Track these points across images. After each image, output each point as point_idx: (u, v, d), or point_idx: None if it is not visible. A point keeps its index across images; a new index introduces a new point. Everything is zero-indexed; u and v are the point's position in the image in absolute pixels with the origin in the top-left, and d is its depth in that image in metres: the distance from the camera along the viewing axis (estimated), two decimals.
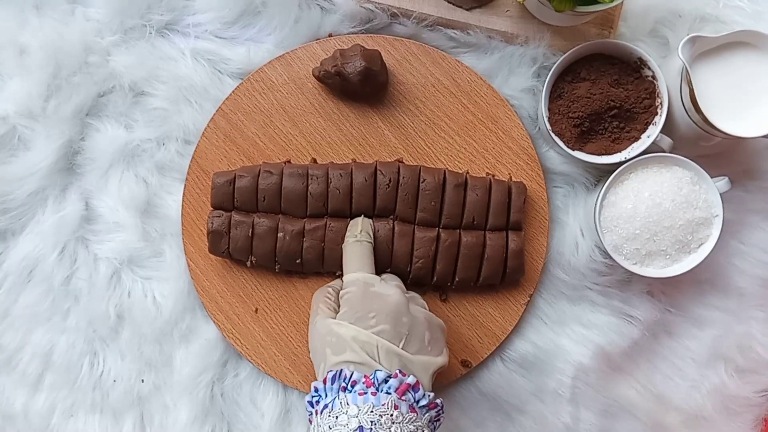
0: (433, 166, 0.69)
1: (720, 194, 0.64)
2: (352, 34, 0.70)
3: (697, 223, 0.64)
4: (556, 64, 0.65)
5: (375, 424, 0.48)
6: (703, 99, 0.61)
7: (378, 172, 0.66)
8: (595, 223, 0.65)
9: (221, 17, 0.70)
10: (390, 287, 0.58)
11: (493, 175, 0.69)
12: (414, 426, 0.50)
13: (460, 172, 0.68)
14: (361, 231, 0.63)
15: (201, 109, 0.70)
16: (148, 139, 0.70)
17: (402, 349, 0.54)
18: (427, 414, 0.53)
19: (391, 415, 0.49)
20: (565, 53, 0.65)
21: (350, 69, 0.65)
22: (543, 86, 0.66)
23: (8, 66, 0.69)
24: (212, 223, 0.66)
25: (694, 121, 0.63)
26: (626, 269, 0.65)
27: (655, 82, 0.65)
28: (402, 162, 0.68)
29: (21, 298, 0.70)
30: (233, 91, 0.69)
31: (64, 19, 0.70)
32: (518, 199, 0.66)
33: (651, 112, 0.66)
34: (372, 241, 0.63)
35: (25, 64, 0.69)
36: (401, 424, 0.49)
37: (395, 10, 0.69)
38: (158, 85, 0.70)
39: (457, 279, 0.66)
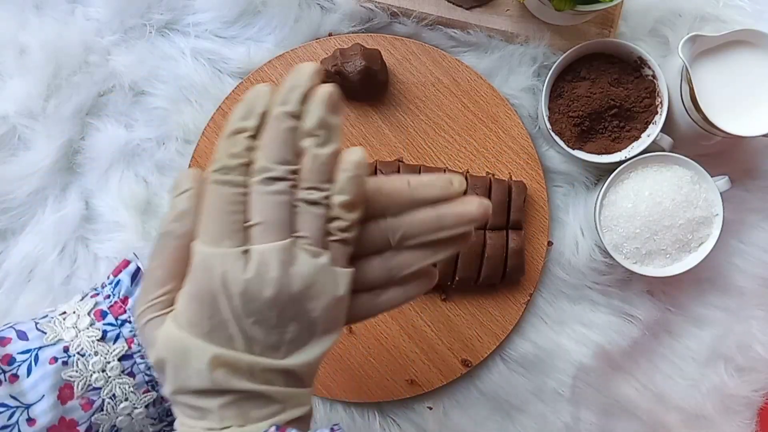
0: (433, 165, 0.69)
1: (720, 193, 0.64)
2: (352, 33, 0.70)
3: (697, 222, 0.64)
4: (556, 64, 0.65)
5: None
6: (704, 98, 0.61)
7: (378, 171, 0.66)
8: (595, 222, 0.65)
9: (221, 17, 0.70)
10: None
11: (493, 175, 0.69)
12: None
13: (460, 171, 0.68)
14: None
15: (201, 108, 0.70)
16: (148, 138, 0.70)
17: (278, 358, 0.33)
18: None
19: None
20: (565, 52, 0.65)
21: (350, 68, 0.65)
22: (543, 85, 0.66)
23: (8, 66, 0.69)
24: None
25: (694, 120, 0.63)
26: (626, 268, 0.65)
27: (655, 81, 0.65)
28: (402, 161, 0.68)
29: (21, 297, 0.70)
30: (233, 91, 0.69)
31: (64, 19, 0.70)
32: (518, 198, 0.66)
33: (651, 111, 0.66)
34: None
35: (25, 64, 0.69)
36: None
37: (395, 10, 0.69)
38: (158, 84, 0.70)
39: (457, 278, 0.66)
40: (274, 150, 0.32)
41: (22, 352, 0.37)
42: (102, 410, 0.37)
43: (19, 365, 0.37)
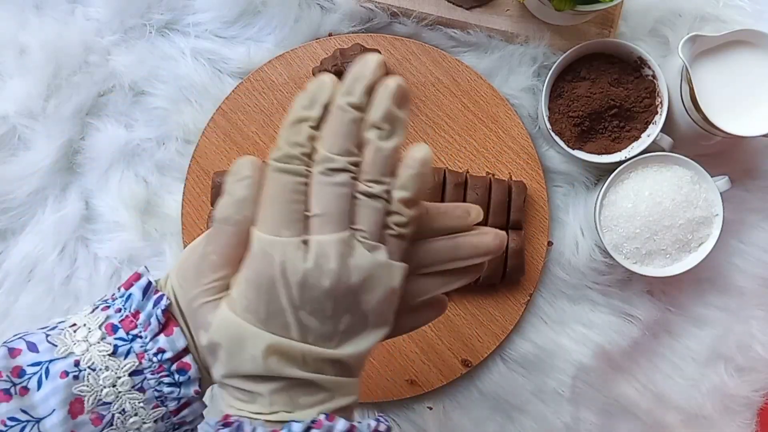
0: (433, 165, 0.69)
1: (720, 193, 0.65)
2: (352, 33, 0.70)
3: (697, 222, 0.64)
4: (556, 64, 0.65)
5: None
6: (704, 98, 0.61)
7: None
8: (595, 222, 0.65)
9: (221, 16, 0.70)
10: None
11: (493, 175, 0.69)
12: None
13: (460, 171, 0.68)
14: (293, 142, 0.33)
15: (201, 108, 0.70)
16: (148, 138, 0.70)
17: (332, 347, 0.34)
18: None
19: None
20: (565, 52, 0.65)
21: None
22: (543, 85, 0.66)
23: (8, 66, 0.69)
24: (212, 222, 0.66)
25: (694, 120, 0.63)
26: (626, 268, 0.65)
27: (655, 81, 0.65)
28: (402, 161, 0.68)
29: (21, 298, 0.70)
30: (233, 91, 0.69)
31: (64, 19, 0.70)
32: (518, 198, 0.66)
33: (651, 111, 0.66)
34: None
35: (25, 64, 0.69)
36: None
37: (395, 10, 0.69)
38: (158, 84, 0.70)
39: None
40: (336, 141, 0.32)
41: (33, 365, 0.37)
42: (112, 425, 0.37)
43: (30, 378, 0.36)
